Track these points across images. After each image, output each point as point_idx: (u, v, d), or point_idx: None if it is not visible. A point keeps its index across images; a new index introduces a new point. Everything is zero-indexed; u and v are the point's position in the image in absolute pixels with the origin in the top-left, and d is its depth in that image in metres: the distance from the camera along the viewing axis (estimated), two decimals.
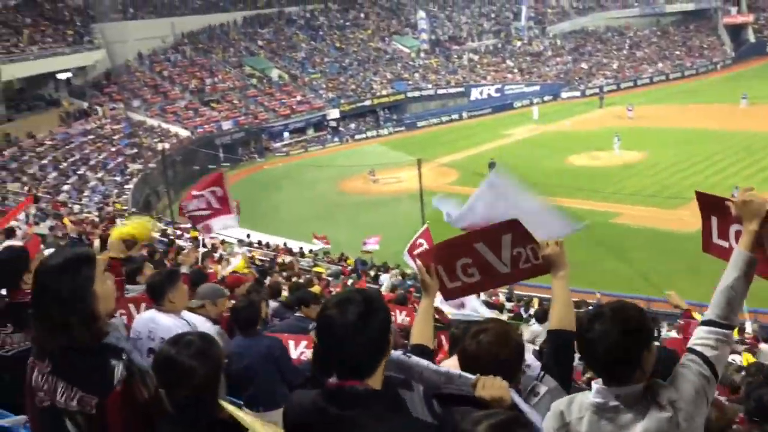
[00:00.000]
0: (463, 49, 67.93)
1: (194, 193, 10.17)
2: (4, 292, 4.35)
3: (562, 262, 3.02)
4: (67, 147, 39.49)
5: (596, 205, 30.18)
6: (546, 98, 60.73)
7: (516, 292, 19.75)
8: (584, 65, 66.29)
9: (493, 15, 74.54)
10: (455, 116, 59.14)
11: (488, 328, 2.82)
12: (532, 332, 10.76)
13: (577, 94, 61.94)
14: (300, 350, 6.09)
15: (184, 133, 47.34)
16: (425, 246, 16.16)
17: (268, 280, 12.90)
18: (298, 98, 56.57)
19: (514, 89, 62.44)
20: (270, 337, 5.81)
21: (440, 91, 61.91)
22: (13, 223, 13.71)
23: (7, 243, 9.06)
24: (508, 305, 17.53)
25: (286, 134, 53.31)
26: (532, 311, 15.13)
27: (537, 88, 62.39)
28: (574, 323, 2.87)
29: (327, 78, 60.12)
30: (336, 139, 54.95)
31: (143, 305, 4.96)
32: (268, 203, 38.31)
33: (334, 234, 28.55)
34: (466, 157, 43.80)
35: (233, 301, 6.39)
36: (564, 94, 61.96)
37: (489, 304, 14.65)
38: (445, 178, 39.72)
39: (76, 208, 29.25)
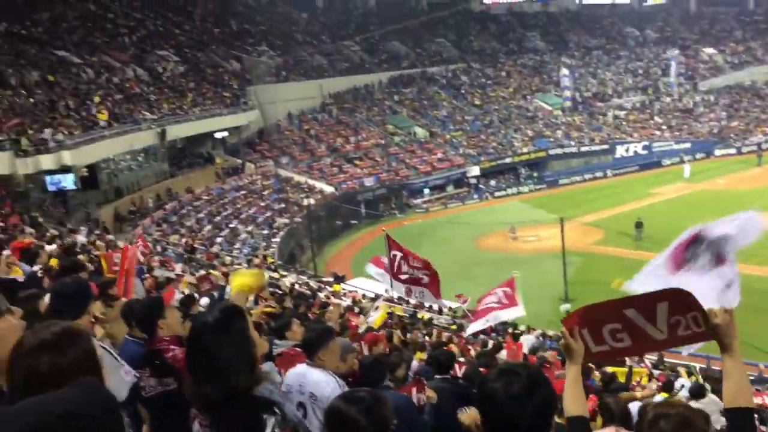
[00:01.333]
0: (608, 106, 66.51)
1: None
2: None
3: (733, 333, 2.78)
4: (221, 201, 41.98)
5: (757, 270, 28.23)
6: (698, 156, 58.02)
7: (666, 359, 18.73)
8: (740, 121, 62.97)
9: (640, 71, 72.68)
10: (599, 174, 57.65)
11: (670, 413, 2.54)
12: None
13: (733, 151, 58.76)
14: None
15: (329, 189, 49.06)
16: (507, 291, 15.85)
17: (408, 337, 13.00)
18: (439, 155, 57.32)
19: (663, 146, 60.13)
20: (394, 393, 5.80)
21: (583, 149, 60.68)
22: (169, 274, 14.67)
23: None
24: (655, 372, 16.64)
25: (426, 191, 53.98)
26: (682, 381, 14.26)
27: (688, 145, 59.76)
28: (751, 398, 2.68)
29: (468, 135, 60.65)
30: (476, 196, 54.99)
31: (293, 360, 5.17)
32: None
33: (472, 291, 28.35)
34: (611, 217, 42.48)
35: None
36: (718, 152, 58.97)
37: None
38: (588, 237, 38.67)
39: (228, 259, 30.87)
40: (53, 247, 13.12)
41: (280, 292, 20.28)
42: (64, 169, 30.57)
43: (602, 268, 33.96)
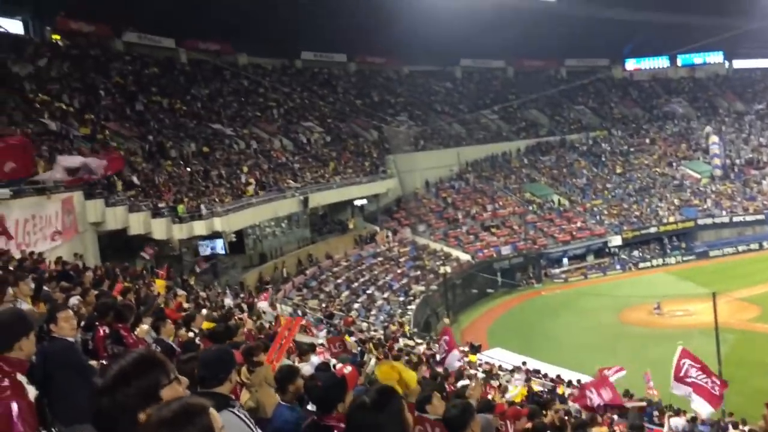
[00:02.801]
0: (763, 174, 62.55)
1: None
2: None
3: None
4: (358, 268, 42.75)
5: None
6: None
7: None
8: None
9: None
10: (754, 246, 53.98)
11: None
12: None
13: None
14: None
15: (465, 257, 48.86)
16: (691, 363, 14.81)
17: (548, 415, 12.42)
18: (578, 224, 55.85)
19: None
20: None
21: (736, 219, 57.11)
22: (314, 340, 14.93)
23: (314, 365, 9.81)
24: None
25: (565, 260, 52.60)
26: None
27: None
28: None
29: (609, 204, 58.84)
30: (618, 266, 52.93)
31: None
32: (545, 330, 37.61)
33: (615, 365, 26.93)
34: None
35: None
36: None
37: None
38: (744, 314, 36.06)
39: (364, 325, 31.16)
40: (205, 311, 13.73)
41: (415, 360, 20.13)
42: (215, 235, 32.27)
43: (760, 348, 31.44)
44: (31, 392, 3.91)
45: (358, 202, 50.12)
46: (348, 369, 5.71)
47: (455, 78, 73.90)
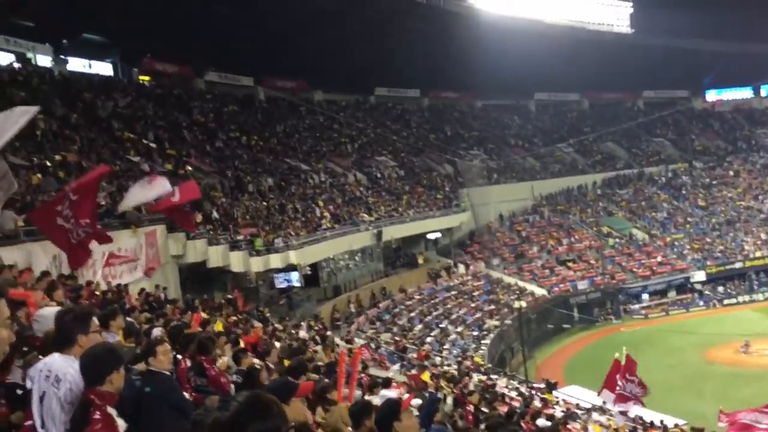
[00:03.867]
0: None
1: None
2: None
3: None
4: (432, 301, 42.48)
5: None
6: None
7: None
8: None
9: None
10: None
11: None
12: None
13: None
14: None
15: (540, 291, 48.00)
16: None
17: None
18: (659, 259, 54.15)
19: None
20: None
21: None
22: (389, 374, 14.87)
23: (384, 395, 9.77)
24: None
25: (645, 296, 51.01)
26: None
27: None
28: None
29: (691, 238, 56.89)
30: (701, 302, 50.98)
31: None
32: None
33: (699, 408, 25.87)
34: None
35: None
36: None
37: None
38: None
39: (437, 360, 30.85)
40: (279, 344, 13.86)
41: (488, 396, 19.78)
42: (291, 268, 32.71)
43: None
44: (121, 425, 4.01)
45: (431, 236, 49.98)
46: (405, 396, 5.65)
47: (529, 111, 73.48)
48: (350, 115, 60.00)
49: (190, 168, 35.18)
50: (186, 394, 6.71)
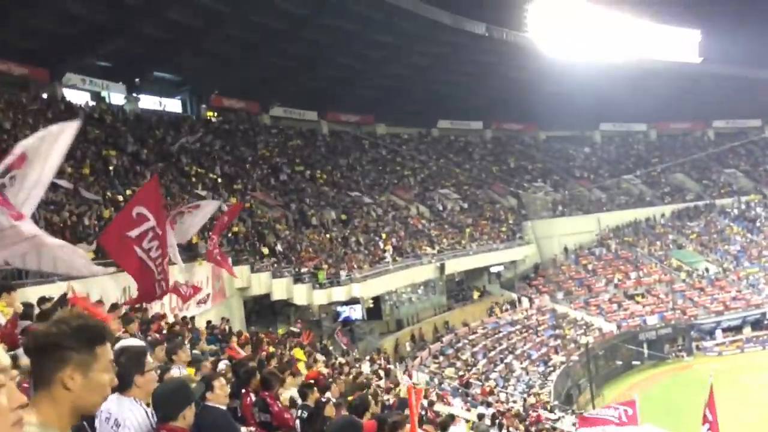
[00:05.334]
0: None
1: None
2: None
3: None
4: (495, 336, 41.83)
5: None
6: None
7: None
8: None
9: None
10: None
11: None
12: None
13: None
14: None
15: (607, 326, 46.73)
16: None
17: None
18: (733, 293, 52.12)
19: None
20: None
21: None
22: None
23: None
24: None
25: (718, 332, 49.03)
26: None
27: None
28: None
29: (766, 272, 54.66)
30: None
31: None
32: (699, 407, 34.92)
33: None
34: None
35: None
36: None
37: None
38: None
39: (503, 396, 30.29)
40: (343, 379, 13.78)
41: None
42: (353, 301, 32.76)
43: None
44: None
45: (494, 269, 49.43)
46: None
47: (594, 142, 72.41)
48: (413, 147, 60.25)
49: (254, 201, 35.81)
50: (246, 429, 6.70)
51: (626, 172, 66.21)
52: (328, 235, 38.44)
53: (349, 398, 9.29)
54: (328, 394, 9.85)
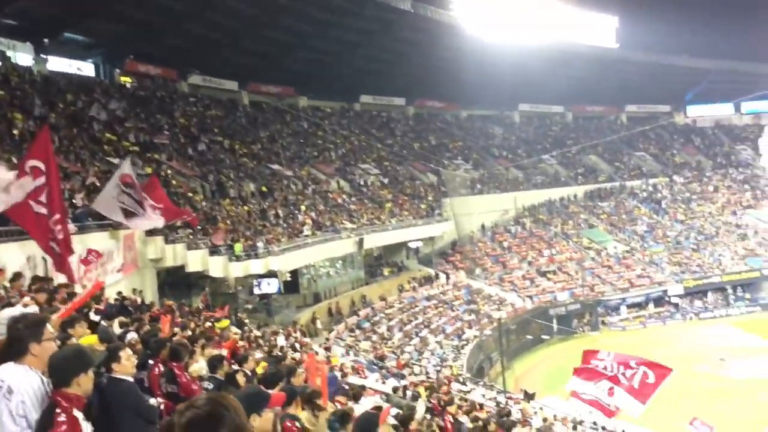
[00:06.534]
0: None
1: None
2: None
3: None
4: (412, 310, 42.45)
5: None
6: None
7: None
8: None
9: None
10: None
11: None
12: None
13: None
14: None
15: (520, 302, 48.13)
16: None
17: None
18: (638, 272, 54.55)
19: None
20: None
21: None
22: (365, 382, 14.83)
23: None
24: None
25: (623, 308, 51.31)
26: None
27: None
28: None
29: (670, 252, 57.37)
30: (678, 316, 51.41)
31: None
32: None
33: (675, 420, 25.98)
34: None
35: None
36: None
37: None
38: None
39: (416, 369, 30.83)
40: (259, 355, 13.77)
41: (469, 405, 19.79)
42: (271, 274, 32.56)
43: None
44: (87, 429, 3.95)
45: (413, 245, 50.02)
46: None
47: (513, 122, 73.90)
48: (335, 122, 60.00)
49: (170, 172, 35.00)
50: (155, 400, 6.64)
51: (543, 153, 67.93)
52: (246, 208, 37.98)
53: (261, 370, 9.32)
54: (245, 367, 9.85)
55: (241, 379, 7.80)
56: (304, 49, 52.80)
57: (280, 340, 22.33)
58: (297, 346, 22.73)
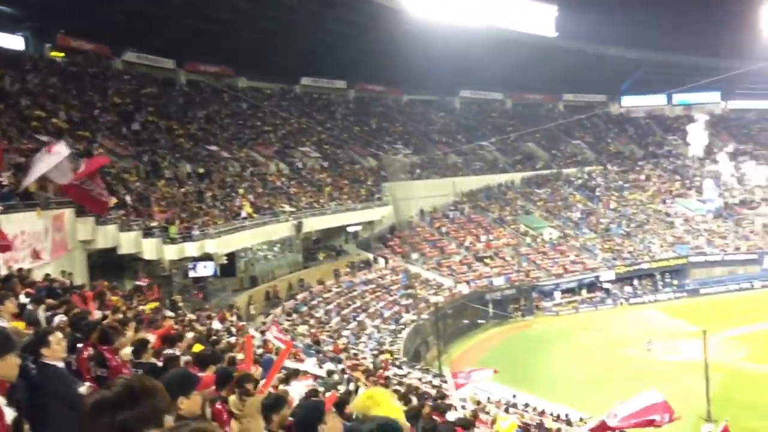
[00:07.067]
0: (757, 214, 62.82)
1: None
2: None
3: None
4: (350, 294, 42.48)
5: None
6: None
7: None
8: None
9: None
10: (745, 285, 54.08)
11: None
12: None
13: None
14: None
15: (457, 287, 48.69)
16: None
17: None
18: (572, 258, 55.86)
19: None
20: None
21: (728, 257, 57.27)
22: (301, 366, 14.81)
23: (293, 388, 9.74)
24: None
25: (557, 293, 52.49)
26: None
27: None
28: None
29: (602, 239, 58.92)
30: (610, 301, 52.90)
31: None
32: (535, 363, 37.40)
33: (604, 403, 26.76)
34: (759, 332, 39.40)
35: None
36: None
37: None
38: (732, 352, 36.02)
39: (353, 352, 30.94)
40: (192, 334, 13.57)
41: (405, 389, 19.97)
42: (207, 257, 32.10)
43: (748, 388, 31.41)
44: (9, 414, 3.84)
45: (352, 229, 50.00)
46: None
47: (454, 108, 74.44)
48: (275, 103, 59.34)
49: (103, 150, 34.08)
50: (85, 387, 6.49)
51: (482, 139, 68.70)
52: (182, 189, 37.28)
53: (194, 351, 9.21)
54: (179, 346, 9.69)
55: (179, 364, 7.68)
56: (244, 28, 51.94)
57: (215, 324, 22.07)
58: (233, 329, 22.52)
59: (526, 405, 26.87)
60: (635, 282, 55.34)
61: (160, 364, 7.82)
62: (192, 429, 2.05)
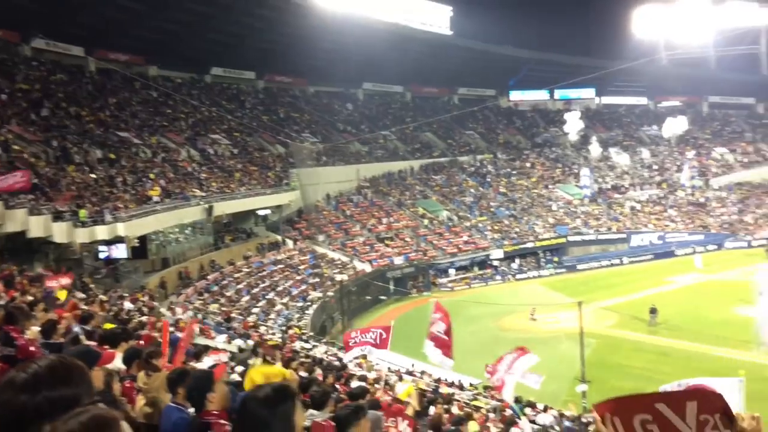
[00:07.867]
0: (626, 198, 66.24)
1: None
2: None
3: None
4: (259, 274, 42.00)
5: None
6: (710, 247, 57.19)
7: None
8: (750, 217, 62.08)
9: (655, 167, 72.61)
10: (616, 261, 56.96)
11: None
12: None
13: (743, 244, 57.60)
14: None
15: (361, 266, 48.99)
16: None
17: (431, 411, 12.66)
18: (465, 238, 57.19)
19: (677, 237, 59.46)
20: None
21: (601, 236, 60.18)
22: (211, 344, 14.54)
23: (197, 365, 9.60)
24: None
25: (452, 271, 53.64)
26: None
27: (701, 237, 59.00)
28: None
29: (492, 221, 60.59)
30: (498, 277, 54.50)
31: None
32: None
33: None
34: (627, 302, 41.62)
35: None
36: (729, 244, 57.98)
37: None
38: (604, 320, 37.86)
39: (263, 329, 30.66)
40: (103, 313, 13.12)
41: (310, 361, 19.98)
42: (118, 240, 30.99)
43: (617, 351, 33.24)
44: None
45: (261, 212, 49.38)
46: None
47: (357, 99, 74.45)
48: (185, 92, 57.56)
49: (11, 136, 32.21)
50: None
51: (384, 129, 69.12)
52: (92, 174, 35.71)
53: (105, 329, 8.91)
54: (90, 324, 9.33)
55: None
56: (155, 18, 50.08)
57: (127, 304, 21.38)
58: (144, 309, 21.87)
59: (422, 372, 27.39)
60: (521, 260, 57.23)
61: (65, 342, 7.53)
62: (90, 416, 1.91)
